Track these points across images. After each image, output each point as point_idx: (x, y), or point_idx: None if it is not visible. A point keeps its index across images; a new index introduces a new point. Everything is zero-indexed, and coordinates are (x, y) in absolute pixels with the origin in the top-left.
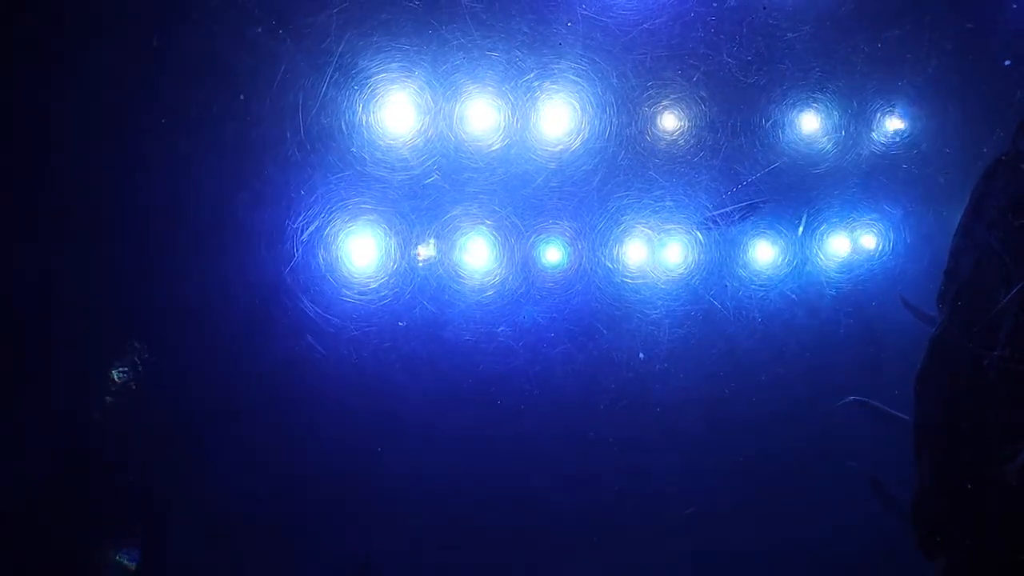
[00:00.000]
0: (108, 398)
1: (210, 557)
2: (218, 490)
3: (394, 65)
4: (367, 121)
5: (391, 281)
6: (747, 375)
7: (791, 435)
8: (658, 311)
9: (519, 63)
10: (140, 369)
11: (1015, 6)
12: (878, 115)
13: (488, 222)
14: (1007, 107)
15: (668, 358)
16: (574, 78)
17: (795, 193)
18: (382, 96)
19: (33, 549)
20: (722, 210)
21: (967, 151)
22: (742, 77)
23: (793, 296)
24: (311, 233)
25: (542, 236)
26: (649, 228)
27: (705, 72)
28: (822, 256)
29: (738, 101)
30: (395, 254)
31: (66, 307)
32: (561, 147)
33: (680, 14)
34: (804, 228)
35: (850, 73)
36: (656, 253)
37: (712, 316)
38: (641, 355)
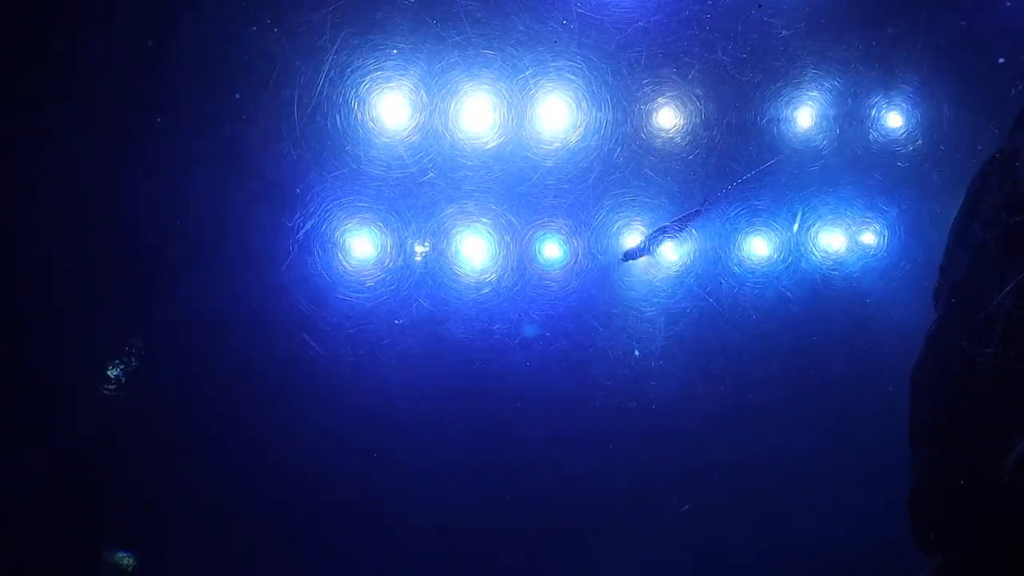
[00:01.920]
0: (107, 398)
1: (208, 555)
2: (215, 488)
3: (390, 63)
4: (363, 119)
5: (387, 279)
6: (742, 372)
7: (787, 432)
8: (654, 308)
9: (515, 61)
10: (138, 368)
11: (1009, 4)
12: (873, 113)
13: (484, 220)
14: (1001, 104)
15: (664, 355)
16: (570, 76)
17: (790, 191)
18: (378, 94)
19: (33, 549)
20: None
21: (962, 148)
22: (737, 75)
23: (788, 293)
24: (307, 231)
25: (538, 233)
26: (645, 226)
27: (700, 70)
28: (817, 253)
29: (733, 99)
30: (391, 252)
31: (65, 306)
32: (557, 145)
33: (675, 12)
34: (799, 225)
35: (845, 71)
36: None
37: (708, 313)
38: (637, 352)
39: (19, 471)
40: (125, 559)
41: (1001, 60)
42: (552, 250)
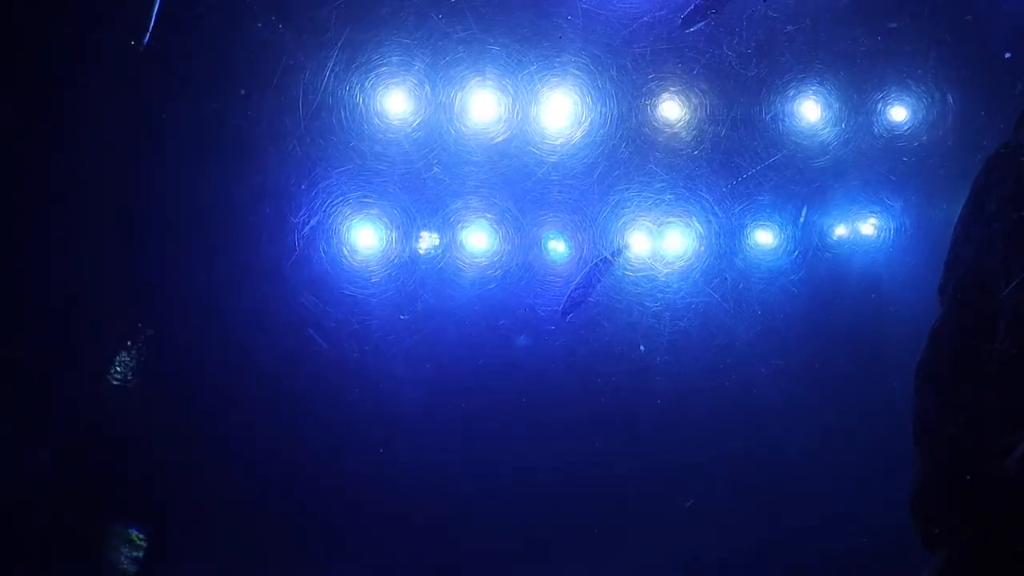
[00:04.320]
0: (111, 392)
1: (210, 550)
2: (218, 483)
3: (395, 59)
4: (368, 115)
5: (392, 274)
6: (747, 367)
7: (791, 428)
8: (658, 303)
9: (520, 56)
10: (143, 363)
11: None
12: (878, 107)
13: (489, 215)
14: (1007, 99)
15: (668, 350)
16: (574, 71)
17: (795, 186)
18: (383, 90)
19: (38, 543)
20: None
21: (967, 143)
22: (742, 70)
23: (793, 289)
24: (312, 227)
25: (543, 229)
26: (650, 221)
27: (705, 65)
28: (822, 248)
29: (738, 94)
30: (396, 247)
31: (68, 303)
32: (562, 140)
33: (680, 7)
34: (804, 220)
35: (850, 66)
36: (657, 246)
37: (712, 309)
38: (642, 347)
39: (24, 466)
40: (126, 555)
41: (1007, 55)
42: (557, 245)
